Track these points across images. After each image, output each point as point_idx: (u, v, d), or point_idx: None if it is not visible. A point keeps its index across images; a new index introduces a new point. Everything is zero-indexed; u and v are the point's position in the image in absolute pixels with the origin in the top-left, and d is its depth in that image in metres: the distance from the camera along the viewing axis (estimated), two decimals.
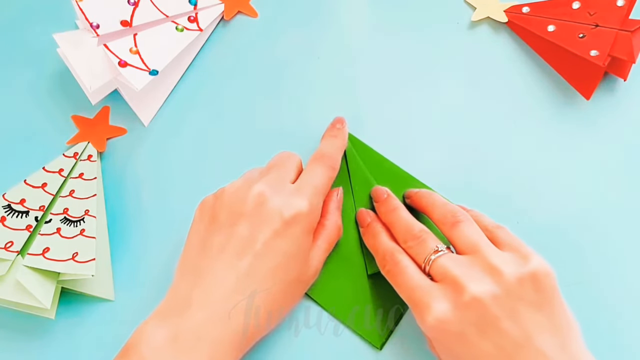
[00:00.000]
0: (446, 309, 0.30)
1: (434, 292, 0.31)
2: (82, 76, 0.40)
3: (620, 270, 0.38)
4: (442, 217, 0.34)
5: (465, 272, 0.31)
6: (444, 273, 0.31)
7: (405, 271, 0.33)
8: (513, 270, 0.30)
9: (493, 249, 0.32)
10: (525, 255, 0.31)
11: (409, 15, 0.46)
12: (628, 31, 0.39)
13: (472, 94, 0.43)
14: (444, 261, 0.32)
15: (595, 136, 0.42)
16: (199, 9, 0.45)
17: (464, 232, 0.33)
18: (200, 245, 0.34)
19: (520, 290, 0.30)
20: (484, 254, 0.31)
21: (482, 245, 0.32)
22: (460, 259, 0.32)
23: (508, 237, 0.33)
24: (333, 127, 0.40)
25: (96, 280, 0.38)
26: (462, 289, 0.30)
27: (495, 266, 0.30)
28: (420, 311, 0.31)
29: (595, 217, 0.39)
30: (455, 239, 0.33)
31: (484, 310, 0.29)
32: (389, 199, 0.38)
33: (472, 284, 0.30)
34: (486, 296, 0.29)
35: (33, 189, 0.39)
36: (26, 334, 0.38)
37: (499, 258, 0.31)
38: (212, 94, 0.44)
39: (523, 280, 0.30)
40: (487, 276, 0.30)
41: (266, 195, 0.33)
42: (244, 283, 0.32)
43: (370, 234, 0.37)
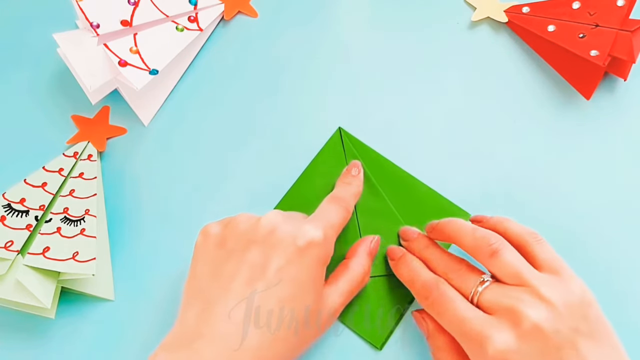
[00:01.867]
0: (508, 339, 0.29)
1: (491, 322, 0.30)
2: (82, 76, 0.40)
3: (621, 269, 0.38)
4: (476, 247, 0.33)
5: (518, 300, 0.29)
6: (496, 303, 0.30)
7: (454, 302, 0.31)
8: (561, 297, 0.30)
9: (538, 275, 0.31)
10: (567, 279, 0.31)
11: (409, 15, 0.46)
12: (628, 31, 0.40)
13: (472, 94, 0.43)
14: (493, 291, 0.31)
15: (595, 136, 0.42)
16: (199, 9, 0.45)
17: (503, 262, 0.31)
18: (208, 272, 0.32)
19: (572, 319, 0.29)
20: (531, 283, 0.30)
21: (525, 273, 0.31)
22: (509, 289, 0.30)
23: (547, 255, 0.32)
24: (348, 174, 0.39)
25: (96, 280, 0.38)
26: (521, 317, 0.29)
27: (544, 295, 0.29)
28: (478, 343, 0.29)
29: (595, 216, 0.39)
30: (496, 270, 0.32)
31: (546, 339, 0.29)
32: (421, 237, 0.37)
33: (530, 311, 0.29)
34: (546, 324, 0.29)
35: (33, 188, 0.39)
36: (26, 333, 0.38)
37: (546, 286, 0.30)
38: (212, 93, 0.44)
39: (573, 310, 0.29)
40: (541, 304, 0.29)
41: (278, 223, 0.32)
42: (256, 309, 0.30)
43: (405, 265, 0.35)
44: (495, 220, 0.35)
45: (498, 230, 0.34)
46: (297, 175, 0.41)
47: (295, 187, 0.41)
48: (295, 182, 0.41)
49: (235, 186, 0.41)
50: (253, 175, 0.42)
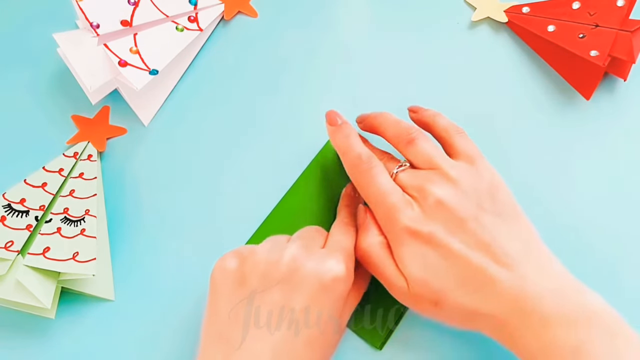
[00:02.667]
0: (417, 212, 0.32)
1: (405, 198, 0.33)
2: (82, 76, 0.40)
3: (621, 269, 0.38)
4: (397, 136, 0.35)
5: (427, 181, 0.32)
6: (408, 184, 0.33)
7: (380, 175, 0.34)
8: (469, 180, 0.32)
9: (449, 161, 0.33)
10: (478, 165, 0.33)
11: (409, 15, 0.46)
12: (628, 31, 0.40)
13: (472, 94, 0.43)
14: (408, 174, 0.34)
15: (595, 136, 0.42)
16: (199, 9, 0.45)
17: (419, 149, 0.34)
18: (228, 312, 0.31)
19: (477, 198, 0.32)
20: (441, 166, 0.33)
21: (438, 159, 0.33)
22: (420, 172, 0.33)
23: (464, 146, 0.34)
24: (349, 195, 0.39)
25: (96, 280, 0.38)
26: (426, 193, 0.32)
27: (452, 177, 0.32)
28: (394, 214, 0.32)
29: (596, 216, 0.39)
30: (412, 157, 0.34)
31: (450, 213, 0.31)
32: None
33: (435, 188, 0.32)
34: (450, 200, 0.31)
35: (33, 188, 0.39)
36: (26, 333, 0.38)
37: (455, 169, 0.33)
38: (212, 93, 0.44)
39: (479, 190, 0.32)
40: (447, 183, 0.32)
41: (301, 260, 0.31)
42: (281, 356, 0.30)
43: (343, 133, 0.36)
44: (427, 113, 0.37)
45: (427, 122, 0.37)
46: (297, 174, 0.41)
47: (295, 186, 0.41)
48: (295, 181, 0.41)
49: (235, 186, 0.41)
50: (253, 174, 0.42)
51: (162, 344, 0.38)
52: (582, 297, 0.30)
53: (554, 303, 0.29)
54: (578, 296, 0.30)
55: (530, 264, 0.30)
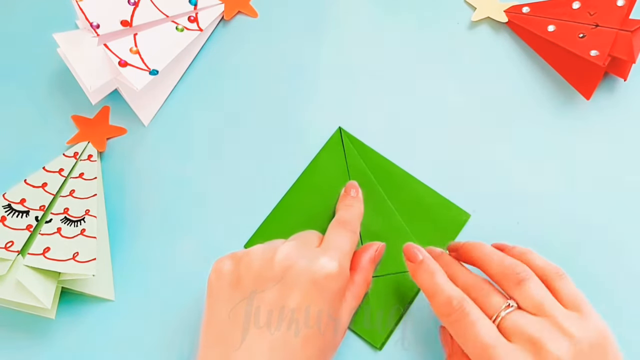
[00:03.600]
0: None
1: (513, 351, 0.29)
2: (82, 76, 0.40)
3: (621, 268, 0.38)
4: (504, 274, 0.32)
5: (542, 332, 0.30)
6: (519, 331, 0.30)
7: (478, 324, 0.30)
8: (583, 334, 0.30)
9: (561, 310, 0.31)
10: (588, 316, 0.31)
11: (409, 15, 0.46)
12: (628, 31, 0.39)
13: (472, 94, 0.43)
14: (518, 318, 0.30)
15: (595, 136, 0.42)
16: (199, 9, 0.45)
17: (529, 291, 0.31)
18: (225, 313, 0.31)
19: (592, 356, 0.29)
20: (554, 316, 0.30)
21: (549, 306, 0.31)
22: (534, 319, 0.30)
23: (569, 291, 0.32)
24: (347, 196, 0.39)
25: (96, 280, 0.38)
26: (543, 349, 0.29)
27: (567, 329, 0.30)
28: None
29: (595, 216, 0.39)
30: (521, 299, 0.31)
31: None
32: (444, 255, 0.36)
33: (551, 344, 0.29)
34: (566, 358, 0.29)
35: (33, 188, 0.39)
36: (26, 334, 0.38)
37: (569, 321, 0.30)
38: (212, 93, 0.44)
39: (592, 345, 0.30)
40: (564, 338, 0.29)
41: (293, 258, 0.31)
42: (278, 355, 0.30)
43: (427, 273, 0.33)
44: (518, 251, 0.34)
45: (522, 262, 0.33)
46: (297, 174, 0.41)
47: (295, 186, 0.41)
48: (295, 181, 0.41)
49: (235, 185, 0.41)
50: (254, 174, 0.42)
51: (162, 344, 0.38)
52: None
53: None
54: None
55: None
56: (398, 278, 0.38)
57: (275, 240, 0.34)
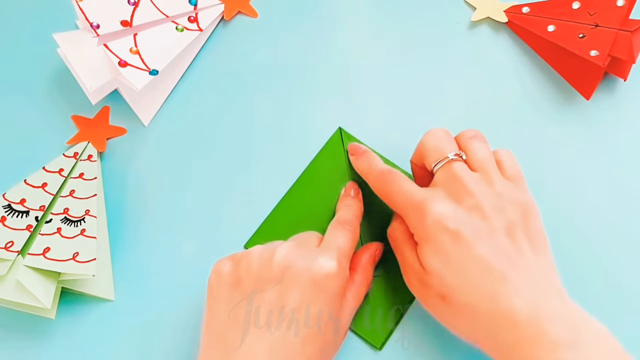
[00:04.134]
0: (449, 207, 0.31)
1: (436, 193, 0.32)
2: (82, 76, 0.40)
3: (621, 268, 0.38)
4: (460, 134, 0.36)
5: (474, 182, 0.32)
6: (456, 176, 0.33)
7: (402, 181, 0.34)
8: (511, 196, 0.32)
9: (499, 174, 0.33)
10: (522, 188, 0.34)
11: (408, 15, 0.46)
12: (628, 31, 0.40)
13: (471, 94, 0.43)
14: (460, 166, 0.33)
15: (595, 136, 0.42)
16: (199, 9, 0.45)
17: (481, 146, 0.34)
18: (225, 314, 0.32)
19: (516, 215, 0.32)
20: (491, 177, 0.33)
21: (491, 168, 0.33)
22: (473, 174, 0.33)
23: (512, 165, 0.35)
24: (347, 196, 0.39)
25: (96, 280, 0.38)
26: (469, 194, 0.32)
27: (498, 190, 0.32)
28: (420, 209, 0.32)
29: (596, 216, 0.39)
30: (470, 151, 0.34)
31: (485, 218, 0.31)
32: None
33: (478, 192, 0.32)
34: (489, 206, 0.31)
35: (33, 188, 0.39)
36: (26, 334, 0.38)
37: (501, 183, 0.33)
38: (212, 94, 0.44)
39: (518, 209, 0.32)
40: (492, 194, 0.32)
41: (292, 258, 0.32)
42: (278, 354, 0.30)
43: (365, 158, 0.38)
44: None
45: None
46: (297, 174, 0.41)
47: (296, 186, 0.41)
48: (296, 181, 0.41)
49: (235, 185, 0.41)
50: (253, 174, 0.42)
51: (162, 344, 0.38)
52: (590, 326, 0.30)
53: (567, 329, 0.29)
54: (587, 325, 0.29)
55: (548, 292, 0.30)
56: (398, 278, 0.38)
57: (275, 241, 0.34)
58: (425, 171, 0.36)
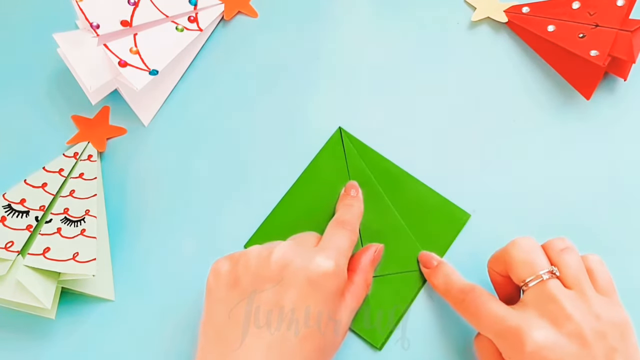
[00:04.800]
0: (550, 336, 0.30)
1: (531, 317, 0.31)
2: (82, 76, 0.40)
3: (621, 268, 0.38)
4: (549, 243, 0.34)
5: (573, 305, 0.30)
6: (552, 297, 0.31)
7: (489, 302, 0.32)
8: (609, 317, 0.31)
9: (594, 292, 0.32)
10: (616, 303, 0.32)
11: (408, 15, 0.46)
12: (628, 31, 0.39)
13: (471, 94, 0.43)
14: (556, 285, 0.31)
15: (596, 136, 0.42)
16: (199, 9, 0.45)
17: (573, 260, 0.32)
18: (223, 314, 0.31)
19: (614, 339, 0.30)
20: (587, 296, 0.31)
21: (585, 284, 0.32)
22: (568, 292, 0.31)
23: (604, 276, 0.33)
24: (347, 195, 0.39)
25: (96, 280, 0.38)
26: (569, 319, 0.30)
27: (596, 309, 0.31)
28: (516, 337, 0.30)
29: (596, 216, 0.39)
30: (564, 266, 0.32)
31: (586, 346, 0.29)
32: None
33: (578, 317, 0.30)
34: (590, 332, 0.30)
35: (33, 188, 0.39)
36: (26, 334, 0.38)
37: (599, 302, 0.31)
38: (212, 93, 0.44)
39: (616, 330, 0.30)
40: (591, 318, 0.30)
41: (290, 257, 0.31)
42: (277, 354, 0.30)
43: (441, 273, 0.36)
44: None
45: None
46: (297, 174, 0.41)
47: (296, 186, 0.41)
48: (296, 181, 0.41)
49: (235, 185, 0.41)
50: (254, 174, 0.42)
51: (162, 344, 0.38)
52: None
53: None
54: None
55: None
56: (398, 278, 0.38)
57: (274, 242, 0.34)
58: (508, 280, 0.34)
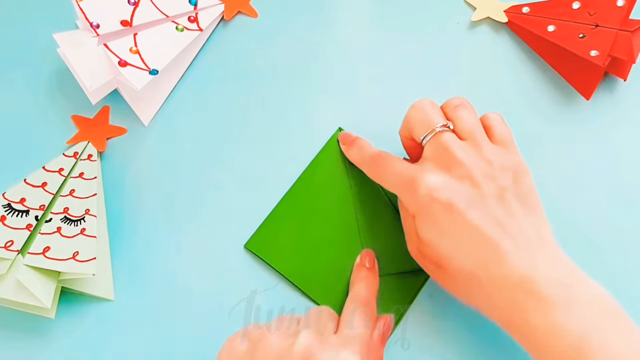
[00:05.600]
0: (439, 179, 0.32)
1: (425, 166, 0.33)
2: (82, 76, 0.40)
3: (621, 268, 0.38)
4: (446, 103, 0.36)
5: (463, 152, 0.32)
6: (445, 147, 0.33)
7: (392, 161, 0.35)
8: (501, 161, 0.33)
9: (488, 141, 0.34)
10: (512, 151, 0.34)
11: (408, 15, 0.46)
12: (628, 31, 0.40)
13: (471, 94, 0.43)
14: (449, 136, 0.33)
15: (595, 136, 0.42)
16: (199, 9, 0.45)
17: (467, 115, 0.34)
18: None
19: (504, 178, 0.32)
20: (480, 145, 0.33)
21: (479, 135, 0.34)
22: (461, 143, 0.33)
23: (500, 128, 0.35)
24: (362, 266, 0.38)
25: (96, 280, 0.38)
26: (459, 164, 0.32)
27: (487, 157, 0.33)
28: (411, 185, 0.32)
29: (595, 216, 0.39)
30: (458, 120, 0.34)
31: (476, 187, 0.31)
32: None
33: (468, 161, 0.32)
34: (479, 174, 0.32)
35: (33, 188, 0.39)
36: (26, 333, 0.38)
37: (491, 149, 0.33)
38: (212, 93, 0.44)
39: (507, 172, 0.32)
40: (481, 162, 0.32)
41: (313, 351, 0.29)
42: None
43: (356, 146, 0.39)
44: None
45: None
46: (298, 174, 0.41)
47: (296, 186, 0.41)
48: (295, 181, 0.41)
49: (235, 185, 0.41)
50: (254, 174, 0.42)
51: (162, 344, 0.38)
52: (585, 284, 0.30)
53: (561, 289, 0.29)
54: (582, 284, 0.30)
55: (541, 252, 0.31)
56: (398, 278, 0.38)
57: (290, 317, 0.33)
58: (415, 142, 0.36)
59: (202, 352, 0.37)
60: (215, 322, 0.38)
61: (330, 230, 0.39)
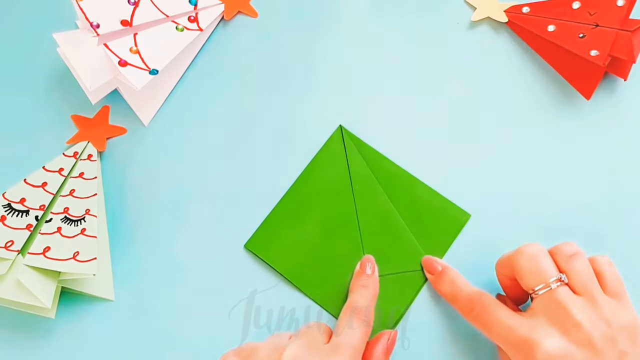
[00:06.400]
0: (560, 345, 0.30)
1: (541, 326, 0.31)
2: (82, 76, 0.40)
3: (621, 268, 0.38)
4: (557, 249, 0.34)
5: (581, 313, 0.30)
6: (561, 305, 0.31)
7: (498, 312, 0.32)
8: (619, 322, 0.31)
9: (604, 296, 0.32)
10: (626, 305, 0.32)
11: (409, 15, 0.46)
12: (628, 31, 0.40)
13: (472, 94, 0.43)
14: (565, 293, 0.31)
15: (596, 136, 0.42)
16: (199, 8, 0.45)
17: (582, 266, 0.32)
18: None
19: (623, 343, 0.30)
20: (597, 301, 0.31)
21: (595, 290, 0.32)
22: (577, 300, 0.31)
23: (613, 277, 0.33)
24: (363, 273, 0.37)
25: (96, 280, 0.38)
26: (578, 327, 0.30)
27: (606, 316, 0.31)
28: (527, 347, 0.30)
29: (595, 216, 0.39)
30: (573, 273, 0.32)
31: (597, 352, 0.29)
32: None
33: (588, 325, 0.30)
34: (600, 339, 0.30)
35: (33, 188, 0.39)
36: (26, 333, 0.38)
37: (609, 307, 0.31)
38: (212, 93, 0.44)
39: (625, 334, 0.30)
40: (601, 323, 0.30)
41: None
42: None
43: (447, 280, 0.36)
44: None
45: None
46: (298, 173, 0.41)
47: (296, 185, 0.41)
48: (296, 180, 0.41)
49: (235, 185, 0.41)
50: (254, 174, 0.42)
51: (162, 344, 0.38)
52: None
53: None
54: None
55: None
56: (398, 278, 0.38)
57: (282, 333, 0.33)
58: (515, 282, 0.34)
59: (202, 352, 0.37)
60: (215, 322, 0.38)
61: (330, 230, 0.39)
